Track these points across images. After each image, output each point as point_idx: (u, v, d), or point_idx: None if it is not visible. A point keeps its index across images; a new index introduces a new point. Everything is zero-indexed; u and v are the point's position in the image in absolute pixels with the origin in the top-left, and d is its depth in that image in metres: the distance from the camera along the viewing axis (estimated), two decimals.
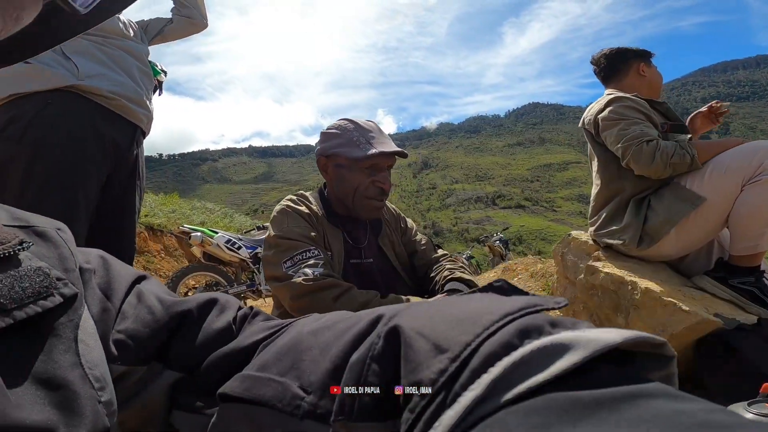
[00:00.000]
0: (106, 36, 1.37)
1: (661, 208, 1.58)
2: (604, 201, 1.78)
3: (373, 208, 1.26)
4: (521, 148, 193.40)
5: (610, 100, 1.71)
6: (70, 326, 0.32)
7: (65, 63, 1.27)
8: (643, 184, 1.66)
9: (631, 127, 1.61)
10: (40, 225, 0.37)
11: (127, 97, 1.37)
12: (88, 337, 0.33)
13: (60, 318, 0.31)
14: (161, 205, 7.85)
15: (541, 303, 0.25)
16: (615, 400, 0.18)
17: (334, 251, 1.22)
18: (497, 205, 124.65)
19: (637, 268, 1.61)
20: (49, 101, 1.23)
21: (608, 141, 1.68)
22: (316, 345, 0.31)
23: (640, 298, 1.47)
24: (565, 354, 0.20)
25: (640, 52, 1.83)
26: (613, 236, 1.70)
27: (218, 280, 3.61)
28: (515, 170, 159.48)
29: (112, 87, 1.32)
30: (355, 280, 1.23)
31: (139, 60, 1.46)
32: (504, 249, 8.41)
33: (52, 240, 0.36)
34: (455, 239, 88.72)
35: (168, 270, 8.35)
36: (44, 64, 1.24)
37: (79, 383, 0.29)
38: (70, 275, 0.34)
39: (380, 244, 1.34)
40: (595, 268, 1.67)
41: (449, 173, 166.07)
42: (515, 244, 73.42)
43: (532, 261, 3.97)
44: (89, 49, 1.32)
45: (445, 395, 0.21)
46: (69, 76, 1.25)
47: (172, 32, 1.73)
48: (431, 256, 1.41)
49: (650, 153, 1.55)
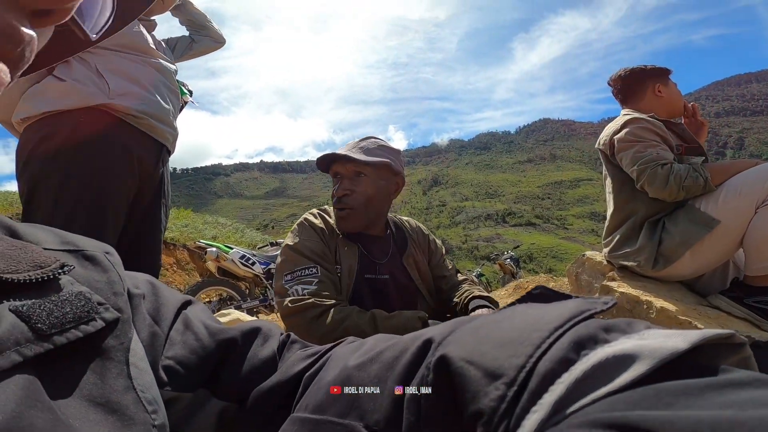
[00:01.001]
0: (137, 53, 1.39)
1: (676, 230, 1.58)
2: (617, 223, 1.78)
3: (336, 217, 1.27)
4: (532, 165, 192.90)
5: (626, 121, 1.72)
6: (121, 350, 0.32)
7: (98, 81, 1.28)
8: (657, 206, 1.67)
9: (647, 150, 1.62)
10: (90, 249, 0.37)
11: (155, 116, 1.38)
12: (138, 361, 0.33)
13: (109, 341, 0.32)
14: (174, 219, 7.98)
15: (588, 308, 0.24)
16: (715, 386, 0.17)
17: (344, 267, 1.22)
18: (507, 222, 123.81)
19: (653, 288, 1.61)
20: (81, 119, 1.25)
21: (624, 162, 1.70)
22: (368, 380, 0.30)
23: (656, 317, 1.47)
24: (631, 365, 0.19)
25: (656, 72, 1.81)
26: (628, 258, 1.71)
27: (232, 295, 3.65)
28: (526, 187, 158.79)
29: (140, 106, 1.34)
30: (369, 295, 1.24)
31: (167, 78, 1.47)
32: (515, 267, 8.33)
33: (101, 264, 0.36)
34: (465, 257, 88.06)
35: (179, 283, 8.43)
36: (77, 81, 1.26)
37: (133, 407, 0.29)
38: (119, 299, 0.34)
39: (404, 263, 1.33)
40: (610, 288, 1.67)
41: (459, 190, 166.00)
42: (526, 262, 72.60)
43: (544, 279, 3.95)
44: (122, 66, 1.34)
45: (508, 422, 0.20)
46: (100, 95, 1.27)
47: (197, 50, 1.80)
48: (455, 281, 1.42)
49: (664, 177, 1.56)
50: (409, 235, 1.40)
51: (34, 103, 1.25)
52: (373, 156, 1.26)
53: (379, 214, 1.32)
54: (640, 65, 1.85)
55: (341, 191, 1.24)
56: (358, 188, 1.24)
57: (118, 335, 0.32)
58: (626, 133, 1.69)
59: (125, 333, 0.33)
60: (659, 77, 1.81)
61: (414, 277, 1.33)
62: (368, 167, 1.25)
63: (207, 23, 1.79)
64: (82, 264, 0.35)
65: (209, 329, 0.41)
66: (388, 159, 1.28)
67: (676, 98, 1.81)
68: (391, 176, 1.30)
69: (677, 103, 1.81)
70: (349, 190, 1.24)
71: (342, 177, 1.26)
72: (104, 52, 1.32)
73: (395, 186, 1.33)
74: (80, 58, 1.30)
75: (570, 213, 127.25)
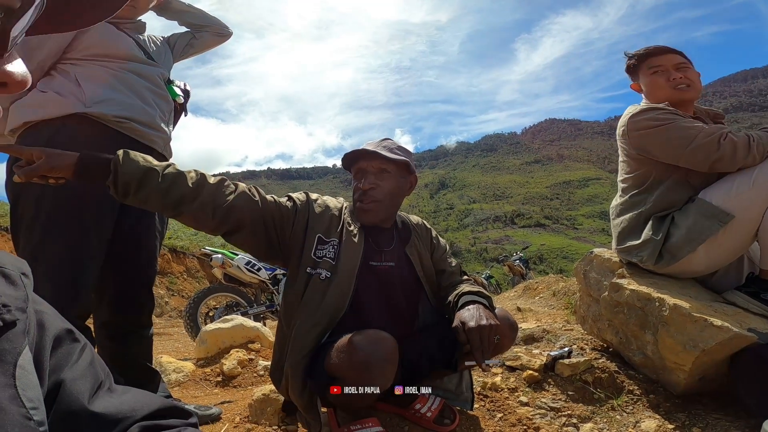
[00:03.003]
0: (115, 60, 1.38)
1: (686, 225, 1.53)
2: (620, 211, 1.73)
3: (359, 209, 1.33)
4: (539, 166, 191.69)
5: (642, 109, 1.63)
6: (12, 353, 0.36)
7: (75, 90, 1.30)
8: (668, 201, 1.60)
9: (693, 125, 1.52)
10: (8, 266, 0.42)
11: (137, 120, 1.37)
12: (26, 364, 0.37)
13: (3, 344, 0.36)
14: (184, 228, 8.07)
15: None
16: None
17: (348, 249, 1.25)
18: (516, 224, 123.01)
19: (665, 284, 1.56)
20: (60, 127, 1.26)
21: (657, 149, 1.59)
22: None
23: (669, 314, 1.42)
24: None
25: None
26: (631, 253, 1.66)
27: (238, 301, 3.65)
28: (534, 188, 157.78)
29: (119, 111, 1.33)
30: (373, 281, 1.28)
31: (150, 81, 1.45)
32: (524, 268, 8.27)
33: (14, 281, 0.41)
34: (474, 259, 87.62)
35: (190, 291, 8.48)
36: (56, 92, 1.28)
37: (8, 402, 0.33)
38: (20, 312, 0.39)
39: (407, 253, 1.37)
40: (619, 285, 1.63)
41: (466, 193, 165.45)
42: (536, 263, 71.96)
43: (554, 279, 3.89)
44: (100, 74, 1.34)
45: None
46: (77, 104, 1.28)
47: (200, 47, 1.74)
48: (456, 280, 1.41)
49: (744, 145, 1.46)
50: (413, 229, 1.45)
51: (15, 114, 1.29)
52: (395, 155, 1.33)
53: (395, 210, 1.40)
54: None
55: (368, 185, 1.31)
56: (383, 183, 1.32)
57: (12, 340, 0.36)
58: (648, 119, 1.59)
59: (18, 340, 0.37)
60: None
61: (417, 268, 1.37)
62: (392, 164, 1.33)
63: (204, 20, 1.72)
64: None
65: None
66: (407, 159, 1.36)
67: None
68: (408, 175, 1.39)
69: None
70: (375, 184, 1.31)
71: (367, 173, 1.33)
72: (84, 63, 1.34)
73: (409, 185, 1.41)
74: (62, 70, 1.33)
75: (579, 213, 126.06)
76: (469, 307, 1.19)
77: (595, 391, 1.55)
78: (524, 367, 1.68)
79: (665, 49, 1.72)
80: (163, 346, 3.73)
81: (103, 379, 0.45)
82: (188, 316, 3.39)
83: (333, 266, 1.24)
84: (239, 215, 1.15)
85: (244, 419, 1.50)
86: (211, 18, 1.74)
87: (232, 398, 1.78)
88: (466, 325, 1.12)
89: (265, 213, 1.20)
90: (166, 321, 6.43)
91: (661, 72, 1.68)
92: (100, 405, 0.42)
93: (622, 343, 1.66)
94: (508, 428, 1.40)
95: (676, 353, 1.41)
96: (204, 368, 2.15)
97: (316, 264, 1.24)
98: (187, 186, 1.10)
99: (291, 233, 1.25)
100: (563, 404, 1.51)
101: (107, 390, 0.45)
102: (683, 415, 1.43)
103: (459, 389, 1.46)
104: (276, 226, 1.22)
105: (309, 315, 1.20)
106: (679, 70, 1.67)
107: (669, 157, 1.58)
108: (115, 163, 1.04)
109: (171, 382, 2.00)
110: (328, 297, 1.20)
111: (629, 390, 1.56)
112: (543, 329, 2.05)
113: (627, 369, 1.65)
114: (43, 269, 1.20)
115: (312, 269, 1.24)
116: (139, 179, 1.05)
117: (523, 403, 1.51)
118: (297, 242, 1.25)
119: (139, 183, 1.05)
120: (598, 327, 1.78)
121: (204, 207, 1.11)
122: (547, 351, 1.77)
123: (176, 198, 1.09)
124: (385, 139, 1.41)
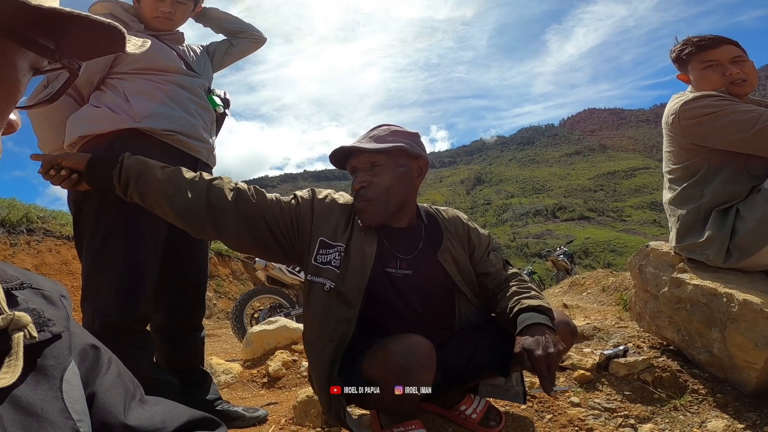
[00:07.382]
0: (160, 72, 1.42)
1: (755, 218, 1.40)
2: (675, 205, 1.61)
3: (356, 211, 1.22)
4: (580, 157, 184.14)
5: (695, 97, 1.52)
6: (58, 368, 0.38)
7: (125, 105, 1.35)
8: (727, 193, 1.47)
9: (753, 109, 1.42)
10: (48, 290, 0.44)
11: (183, 132, 1.41)
12: (72, 378, 0.39)
13: (49, 360, 0.38)
14: None
15: None
16: None
17: (357, 252, 1.17)
18: (558, 217, 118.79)
19: (731, 279, 1.44)
20: (114, 141, 1.32)
21: (716, 136, 1.47)
22: None
23: (738, 311, 1.31)
24: None
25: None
26: (694, 252, 1.54)
27: (281, 303, 3.73)
28: (575, 180, 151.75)
29: (167, 125, 1.38)
30: (386, 289, 1.20)
31: (192, 93, 1.48)
32: (569, 263, 7.96)
33: (55, 303, 0.44)
34: (514, 255, 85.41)
35: (235, 293, 8.79)
36: (108, 108, 1.34)
37: (57, 415, 0.35)
38: (65, 329, 0.42)
39: (440, 259, 1.25)
40: (681, 281, 1.51)
41: (504, 187, 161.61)
42: (581, 257, 69.17)
43: (603, 274, 3.70)
44: (147, 89, 1.39)
45: None
46: (128, 119, 1.33)
47: (237, 53, 1.76)
48: (501, 277, 1.30)
49: None
50: (444, 227, 1.30)
51: (72, 128, 1.35)
52: (384, 143, 1.20)
53: (404, 203, 1.24)
54: None
55: (357, 184, 1.19)
56: (375, 179, 1.19)
57: (56, 355, 0.39)
58: (702, 106, 1.48)
59: (63, 355, 0.39)
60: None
61: (452, 274, 1.25)
62: (381, 155, 1.19)
63: (239, 26, 1.74)
64: (40, 300, 0.42)
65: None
66: (402, 143, 1.21)
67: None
68: (409, 161, 1.23)
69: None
70: (365, 181, 1.19)
71: (357, 170, 1.21)
72: (131, 77, 1.39)
73: (417, 170, 1.25)
74: (111, 85, 1.39)
75: (627, 204, 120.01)
76: (533, 332, 1.07)
77: (656, 391, 1.46)
78: (575, 367, 1.60)
79: (719, 40, 1.57)
80: (212, 347, 3.87)
81: (132, 390, 0.46)
82: (235, 318, 3.51)
83: (338, 276, 1.15)
84: (237, 211, 1.15)
85: (289, 421, 1.52)
86: (246, 24, 1.75)
87: (277, 399, 1.81)
88: (533, 353, 1.02)
89: (264, 212, 1.17)
90: (214, 322, 6.69)
91: (716, 66, 1.55)
92: (134, 417, 0.43)
93: (684, 341, 1.55)
94: (558, 430, 1.34)
95: (746, 351, 1.31)
96: (251, 369, 2.21)
97: (317, 271, 1.17)
98: (183, 177, 1.15)
99: (298, 234, 1.20)
100: (619, 404, 1.42)
101: (139, 401, 0.46)
102: (754, 414, 1.33)
103: (508, 383, 1.40)
104: (280, 226, 1.18)
105: (320, 332, 1.16)
106: (736, 64, 1.54)
107: (731, 143, 1.46)
108: (122, 156, 1.14)
109: (221, 384, 2.07)
110: (334, 313, 1.15)
111: (693, 389, 1.46)
112: (594, 327, 1.95)
113: (690, 368, 1.55)
114: (104, 276, 1.28)
115: (314, 277, 1.17)
116: (139, 171, 1.13)
117: (574, 404, 1.44)
118: (304, 244, 1.20)
119: (139, 174, 1.12)
120: (656, 324, 1.67)
121: (199, 199, 1.13)
122: (599, 350, 1.68)
123: (172, 188, 1.13)
124: (378, 126, 1.27)
